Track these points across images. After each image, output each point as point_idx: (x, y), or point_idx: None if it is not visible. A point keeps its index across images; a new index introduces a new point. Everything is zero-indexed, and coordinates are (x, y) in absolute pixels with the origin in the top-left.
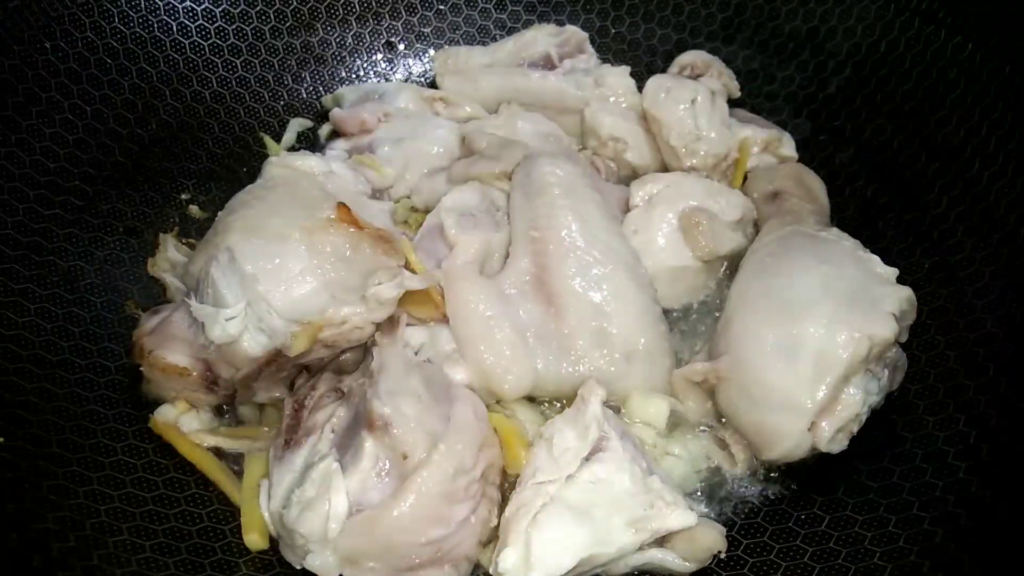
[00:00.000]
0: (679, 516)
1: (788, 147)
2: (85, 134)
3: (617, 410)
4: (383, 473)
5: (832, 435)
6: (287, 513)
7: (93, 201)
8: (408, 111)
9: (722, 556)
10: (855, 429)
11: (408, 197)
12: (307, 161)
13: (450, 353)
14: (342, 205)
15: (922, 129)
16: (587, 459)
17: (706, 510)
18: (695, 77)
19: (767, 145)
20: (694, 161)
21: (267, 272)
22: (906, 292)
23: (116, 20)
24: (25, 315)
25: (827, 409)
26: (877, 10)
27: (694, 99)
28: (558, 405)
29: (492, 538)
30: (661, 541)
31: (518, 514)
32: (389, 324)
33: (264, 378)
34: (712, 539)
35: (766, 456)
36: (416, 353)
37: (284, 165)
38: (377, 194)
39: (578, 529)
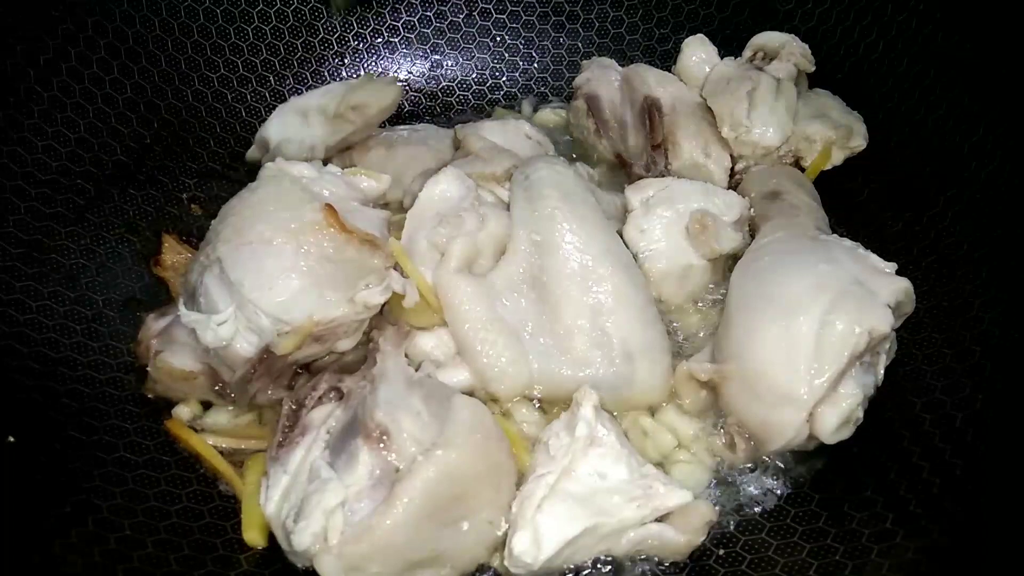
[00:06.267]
0: (676, 495)
1: (857, 138)
2: (87, 132)
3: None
4: (376, 483)
5: (836, 426)
6: (287, 523)
7: (95, 199)
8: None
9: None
10: (860, 417)
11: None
12: (300, 168)
13: (454, 355)
14: (328, 207)
15: (919, 129)
16: (584, 454)
17: None
18: (769, 59)
19: (833, 143)
20: (745, 151)
21: (254, 276)
22: (904, 283)
23: (118, 19)
24: (27, 313)
25: (827, 400)
26: (875, 10)
27: (752, 89)
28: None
29: (499, 546)
30: (659, 520)
31: (524, 505)
32: (395, 333)
33: (259, 379)
34: (704, 510)
35: (768, 448)
36: (417, 368)
37: (278, 171)
38: (371, 204)
39: (581, 510)
